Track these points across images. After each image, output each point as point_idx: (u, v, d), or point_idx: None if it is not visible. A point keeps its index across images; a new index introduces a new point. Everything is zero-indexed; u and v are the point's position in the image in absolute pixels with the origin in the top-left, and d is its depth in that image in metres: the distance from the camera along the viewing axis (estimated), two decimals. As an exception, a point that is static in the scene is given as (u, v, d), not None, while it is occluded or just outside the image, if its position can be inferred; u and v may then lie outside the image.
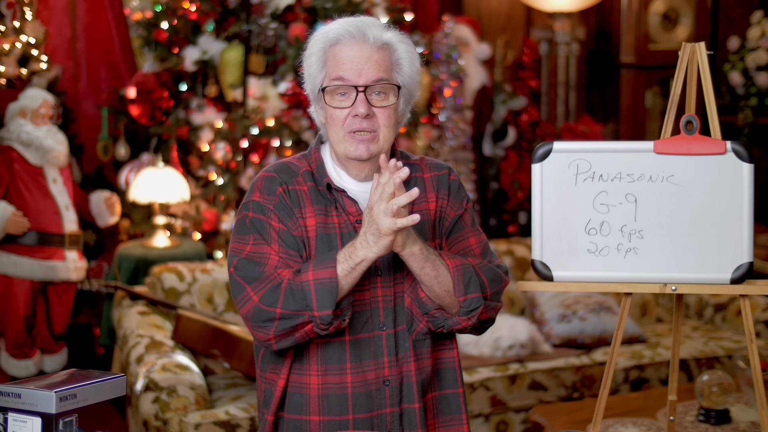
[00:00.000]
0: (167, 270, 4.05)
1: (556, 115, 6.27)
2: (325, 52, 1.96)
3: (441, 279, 1.91)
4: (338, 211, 1.97)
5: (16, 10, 4.63)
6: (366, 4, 4.92)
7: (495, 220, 5.99)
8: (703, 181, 2.08)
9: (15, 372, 4.44)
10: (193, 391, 3.38)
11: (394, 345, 1.97)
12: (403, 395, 1.97)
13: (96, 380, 1.71)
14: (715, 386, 3.19)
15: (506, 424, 3.98)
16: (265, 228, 1.95)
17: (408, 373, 1.97)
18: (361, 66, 1.92)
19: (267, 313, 1.87)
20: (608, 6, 6.27)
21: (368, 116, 1.93)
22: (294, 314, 1.86)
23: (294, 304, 1.86)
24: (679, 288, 2.10)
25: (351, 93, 1.93)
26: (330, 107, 1.95)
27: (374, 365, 1.95)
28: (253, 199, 1.98)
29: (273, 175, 1.99)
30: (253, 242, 1.95)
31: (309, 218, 1.96)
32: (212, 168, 4.87)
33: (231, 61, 4.78)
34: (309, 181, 1.99)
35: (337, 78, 1.93)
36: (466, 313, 1.95)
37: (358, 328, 1.95)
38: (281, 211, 1.95)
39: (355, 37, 1.94)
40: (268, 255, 1.92)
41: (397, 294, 1.98)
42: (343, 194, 1.98)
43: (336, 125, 1.95)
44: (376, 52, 1.94)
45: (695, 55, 2.11)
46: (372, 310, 1.96)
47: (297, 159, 2.05)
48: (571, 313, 4.31)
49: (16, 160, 4.36)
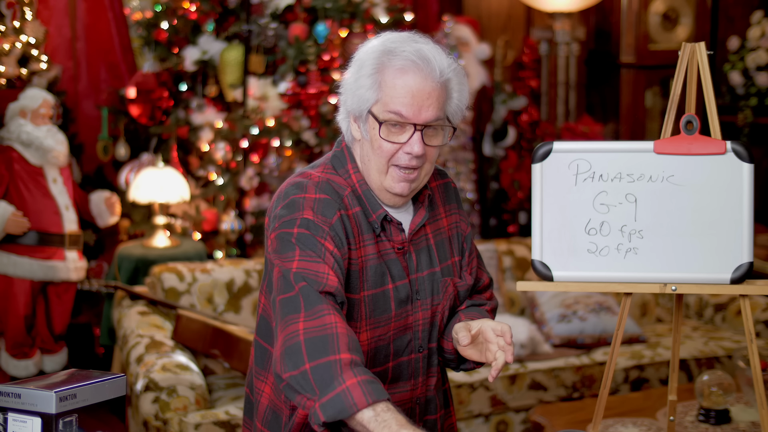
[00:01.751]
0: (167, 270, 4.05)
1: (556, 115, 6.27)
2: (383, 74, 1.81)
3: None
4: (381, 238, 1.89)
5: (16, 10, 4.63)
6: (366, 4, 4.92)
7: (495, 220, 5.99)
8: (703, 181, 2.07)
9: (15, 372, 4.44)
10: (193, 391, 3.38)
11: (426, 364, 1.97)
12: (428, 409, 1.99)
13: (96, 380, 1.71)
14: (715, 386, 3.19)
15: (506, 424, 3.98)
16: (316, 245, 1.78)
17: (430, 387, 1.99)
18: (422, 102, 1.80)
19: (299, 358, 1.68)
20: (608, 6, 6.27)
21: (420, 156, 1.83)
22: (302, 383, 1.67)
23: (321, 381, 1.66)
24: (679, 288, 2.10)
25: (407, 128, 1.81)
26: (382, 139, 1.82)
27: (411, 386, 1.94)
28: (304, 216, 1.80)
29: (327, 198, 1.83)
30: (301, 257, 1.77)
31: (361, 248, 1.85)
32: (212, 168, 4.87)
33: (231, 61, 4.78)
34: (356, 206, 1.87)
35: (395, 112, 1.80)
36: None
37: (401, 352, 1.92)
38: (336, 236, 1.80)
39: (421, 69, 1.80)
40: (325, 274, 1.75)
41: (434, 315, 1.96)
42: (395, 226, 1.90)
43: (382, 156, 1.83)
44: (437, 87, 1.81)
45: (695, 55, 2.11)
46: (413, 333, 1.93)
47: (332, 175, 1.89)
48: (571, 313, 4.31)
49: (16, 160, 4.36)
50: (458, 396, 3.86)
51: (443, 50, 1.86)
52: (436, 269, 1.96)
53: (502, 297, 4.51)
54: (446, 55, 1.85)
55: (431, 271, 1.95)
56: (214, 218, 4.99)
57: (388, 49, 1.82)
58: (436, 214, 2.01)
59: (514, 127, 5.90)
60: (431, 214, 2.00)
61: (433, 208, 2.01)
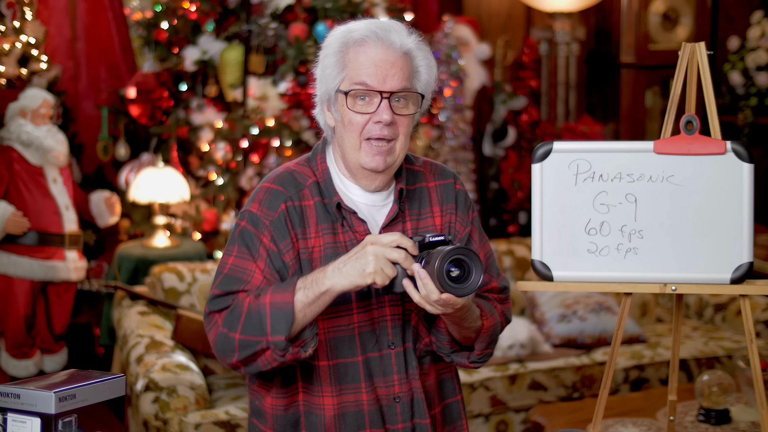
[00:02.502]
0: (167, 270, 4.05)
1: (556, 115, 6.27)
2: (346, 53, 1.86)
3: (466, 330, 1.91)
4: (344, 228, 1.90)
5: (16, 10, 4.63)
6: (366, 4, 4.92)
7: (495, 220, 5.99)
8: (703, 181, 2.07)
9: (15, 372, 4.44)
10: (193, 391, 3.38)
11: (403, 362, 1.94)
12: (415, 411, 1.95)
13: (96, 380, 1.71)
14: (715, 386, 3.19)
15: (506, 424, 3.98)
16: (254, 242, 1.87)
17: (417, 389, 1.95)
18: (386, 71, 1.84)
19: (229, 339, 1.81)
20: (608, 6, 6.27)
21: (390, 123, 1.85)
22: (252, 340, 1.79)
23: (251, 329, 1.79)
24: (679, 288, 2.10)
25: (373, 98, 1.84)
26: (351, 111, 1.85)
27: (384, 383, 1.93)
28: (250, 210, 1.90)
29: (278, 189, 1.90)
30: (237, 254, 1.88)
31: (315, 238, 1.88)
32: (212, 168, 4.88)
33: (231, 61, 4.78)
34: (316, 196, 1.91)
35: (360, 83, 1.84)
36: (474, 362, 1.97)
37: (368, 348, 1.92)
38: (277, 230, 1.87)
39: (382, 39, 1.85)
40: (251, 272, 1.86)
41: (405, 312, 1.94)
42: (353, 215, 1.91)
43: (353, 131, 1.86)
44: (400, 57, 1.85)
45: (695, 55, 2.11)
46: (380, 329, 1.92)
47: (301, 166, 1.96)
48: (571, 313, 4.31)
49: (16, 160, 4.36)
50: (458, 396, 3.85)
51: (405, 27, 1.90)
52: None
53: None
54: (408, 32, 1.89)
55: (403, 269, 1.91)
56: (214, 218, 5.00)
57: (348, 29, 1.88)
58: (422, 212, 1.99)
59: (514, 127, 5.90)
60: (416, 212, 1.98)
61: (421, 206, 1.99)
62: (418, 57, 1.89)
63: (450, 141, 5.50)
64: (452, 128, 5.49)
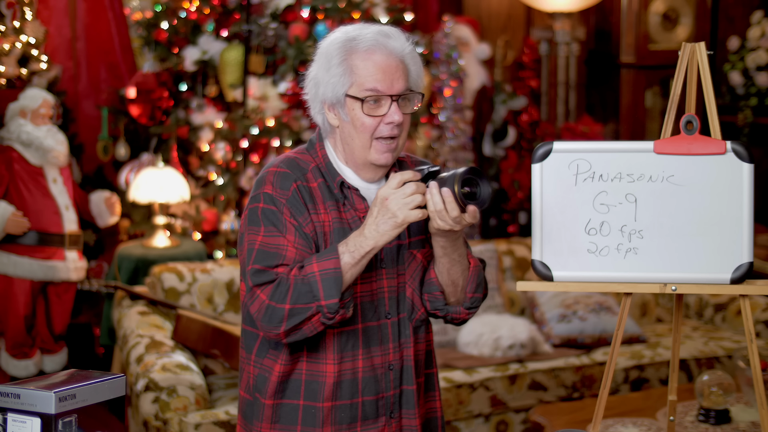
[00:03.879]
0: (167, 270, 4.05)
1: (556, 115, 6.27)
2: (351, 60, 2.00)
3: (454, 270, 2.06)
4: (346, 207, 2.05)
5: (16, 10, 4.63)
6: (366, 4, 4.92)
7: (495, 220, 5.99)
8: (703, 181, 2.08)
9: (15, 372, 4.44)
10: (193, 391, 3.38)
11: (397, 332, 2.09)
12: (403, 378, 2.10)
13: (96, 380, 1.71)
14: (715, 386, 3.19)
15: (506, 424, 3.98)
16: (278, 218, 2.00)
17: (408, 357, 2.09)
18: (392, 76, 2.00)
19: (277, 310, 1.93)
20: (608, 6, 6.27)
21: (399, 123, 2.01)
22: (303, 308, 1.92)
23: (302, 297, 1.92)
24: (679, 288, 2.10)
25: (383, 102, 2.00)
26: (365, 115, 2.00)
27: (381, 351, 2.07)
28: (265, 191, 2.02)
29: (287, 172, 2.03)
30: (265, 233, 2.00)
31: (324, 214, 2.03)
32: (212, 168, 4.88)
33: (231, 61, 4.78)
34: (319, 178, 2.05)
35: (372, 89, 1.99)
36: (468, 307, 2.11)
37: (368, 317, 2.06)
38: (293, 206, 2.00)
39: (387, 46, 2.00)
40: (285, 247, 1.98)
41: (400, 285, 2.09)
42: (355, 192, 2.06)
43: (365, 132, 2.01)
44: (401, 62, 2.02)
45: (695, 55, 2.11)
46: (379, 300, 2.07)
47: (301, 154, 2.10)
48: (571, 313, 4.31)
49: (16, 160, 4.36)
50: (458, 396, 3.86)
51: (401, 32, 2.06)
52: (404, 242, 2.08)
53: (502, 297, 4.50)
54: (404, 36, 2.05)
55: (398, 243, 2.07)
56: (214, 218, 5.00)
57: (351, 36, 2.02)
58: None
59: (514, 127, 5.90)
60: None
61: None
62: (409, 57, 2.05)
63: (450, 141, 5.50)
64: (452, 128, 5.49)
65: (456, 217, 1.92)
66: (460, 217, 1.92)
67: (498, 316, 4.29)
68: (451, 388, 3.83)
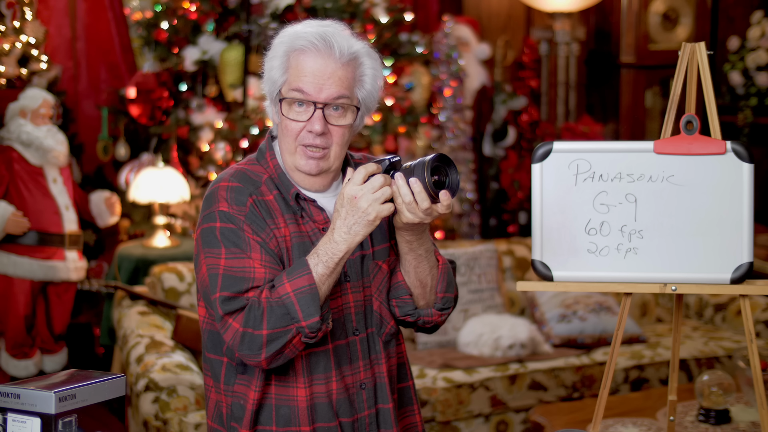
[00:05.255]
0: (167, 270, 4.05)
1: (556, 115, 6.27)
2: (289, 57, 1.91)
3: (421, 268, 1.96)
4: (305, 220, 1.94)
5: (16, 10, 4.63)
6: (366, 4, 4.92)
7: (495, 220, 5.99)
8: (703, 181, 2.07)
9: (15, 372, 4.44)
10: (193, 391, 3.38)
11: (366, 348, 1.99)
12: (378, 396, 2.00)
13: (96, 380, 1.71)
14: (715, 386, 3.19)
15: (506, 424, 3.98)
16: (240, 237, 1.86)
17: (380, 374, 2.00)
18: (323, 81, 1.87)
19: (255, 337, 1.81)
20: (608, 6, 6.27)
21: (323, 134, 1.89)
22: (282, 331, 1.81)
23: (279, 321, 1.80)
24: (679, 288, 2.10)
25: (309, 107, 1.88)
26: (286, 118, 1.90)
27: (351, 370, 1.97)
28: (220, 209, 1.88)
29: (239, 186, 1.91)
30: (227, 255, 1.86)
31: (284, 228, 1.91)
32: (212, 168, 4.87)
33: (231, 61, 4.78)
34: (273, 190, 1.93)
35: (297, 89, 1.88)
36: (440, 308, 2.01)
37: (337, 335, 1.95)
38: (254, 223, 1.88)
39: (321, 50, 1.88)
40: (251, 269, 1.85)
41: (366, 298, 1.99)
42: (312, 203, 1.95)
43: (289, 136, 1.91)
44: (340, 68, 1.88)
45: (695, 55, 2.11)
46: (345, 316, 1.96)
47: (251, 165, 1.98)
48: (571, 313, 4.31)
49: (16, 160, 4.36)
50: (458, 396, 3.86)
51: (353, 35, 1.93)
52: (367, 252, 1.98)
53: (502, 297, 4.51)
54: (356, 39, 1.92)
55: (362, 254, 1.97)
56: (214, 218, 4.99)
57: (297, 32, 1.92)
58: None
59: (514, 127, 5.90)
60: None
61: None
62: (364, 65, 1.92)
63: (450, 141, 5.50)
64: (452, 128, 5.49)
65: (427, 209, 1.81)
66: (431, 209, 1.82)
67: (498, 316, 4.29)
68: (451, 388, 3.83)
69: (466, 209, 5.60)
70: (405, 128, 5.09)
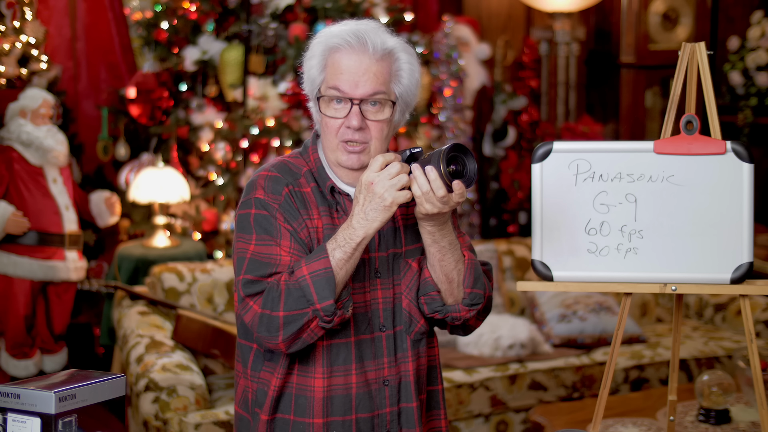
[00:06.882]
0: (167, 270, 4.05)
1: (556, 115, 6.27)
2: (326, 57, 1.95)
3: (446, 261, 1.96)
4: (339, 213, 1.98)
5: (16, 10, 4.63)
6: (366, 4, 4.92)
7: (495, 220, 5.99)
8: (703, 181, 2.08)
9: (15, 372, 4.44)
10: (193, 391, 3.38)
11: (393, 346, 2.00)
12: (402, 395, 2.00)
13: (96, 380, 1.71)
14: (715, 386, 3.19)
15: (506, 424, 3.98)
16: (272, 224, 1.93)
17: (406, 373, 2.00)
18: (358, 78, 1.91)
19: (273, 319, 1.86)
20: (608, 6, 6.27)
21: (361, 129, 1.92)
22: (298, 314, 1.84)
23: (295, 303, 1.84)
24: (679, 288, 2.10)
25: (346, 104, 1.92)
26: (325, 116, 1.95)
27: (375, 366, 1.98)
28: (256, 196, 1.95)
29: (277, 176, 1.97)
30: (257, 242, 1.92)
31: (318, 219, 1.96)
32: (212, 168, 4.88)
33: (231, 61, 4.78)
34: (311, 182, 1.98)
35: (334, 87, 1.92)
36: (468, 304, 2.00)
37: (361, 329, 1.97)
38: (287, 212, 1.93)
39: (355, 47, 1.91)
40: (278, 256, 1.91)
41: (396, 295, 2.01)
42: (346, 197, 1.98)
43: (329, 133, 1.95)
44: (375, 63, 1.92)
45: (695, 55, 2.11)
46: (372, 311, 1.98)
47: (294, 158, 2.03)
48: (571, 313, 4.31)
49: (16, 160, 4.36)
50: (458, 396, 3.86)
51: (388, 31, 1.96)
52: (399, 250, 2.01)
53: (502, 297, 4.51)
54: (391, 36, 1.95)
55: (394, 252, 2.00)
56: (214, 218, 4.99)
57: (328, 34, 1.95)
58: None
59: (514, 127, 5.90)
60: None
61: None
62: (400, 59, 1.95)
63: (450, 141, 5.50)
64: (452, 128, 5.49)
65: (443, 197, 1.83)
66: (447, 197, 1.84)
67: (498, 316, 4.29)
68: (451, 388, 3.83)
69: (466, 209, 5.60)
70: (405, 128, 5.10)
